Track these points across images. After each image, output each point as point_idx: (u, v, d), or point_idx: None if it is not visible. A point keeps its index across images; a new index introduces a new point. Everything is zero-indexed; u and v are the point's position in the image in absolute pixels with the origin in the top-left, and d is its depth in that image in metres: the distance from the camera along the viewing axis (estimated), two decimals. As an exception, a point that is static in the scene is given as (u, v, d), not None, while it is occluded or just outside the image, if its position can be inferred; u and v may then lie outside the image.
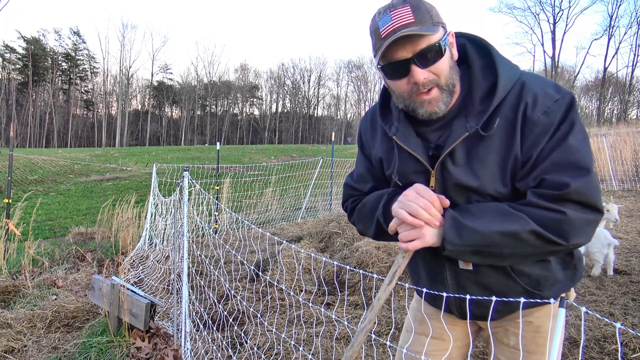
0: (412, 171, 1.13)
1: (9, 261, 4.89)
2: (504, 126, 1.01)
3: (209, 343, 2.89)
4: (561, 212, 0.94)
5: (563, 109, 0.98)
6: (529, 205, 0.98)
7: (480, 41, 1.10)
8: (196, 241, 5.60)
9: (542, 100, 0.99)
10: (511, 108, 1.01)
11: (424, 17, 0.98)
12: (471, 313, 1.15)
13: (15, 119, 46.47)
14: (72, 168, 18.29)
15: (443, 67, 1.01)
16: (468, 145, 1.04)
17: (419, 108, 1.05)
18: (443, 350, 1.28)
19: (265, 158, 23.23)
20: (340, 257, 4.88)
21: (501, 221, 0.98)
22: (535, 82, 1.02)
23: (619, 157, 10.77)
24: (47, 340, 3.06)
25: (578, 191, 0.94)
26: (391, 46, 0.99)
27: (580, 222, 0.95)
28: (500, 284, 1.13)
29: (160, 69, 67.60)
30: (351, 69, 68.60)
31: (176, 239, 3.16)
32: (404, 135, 1.11)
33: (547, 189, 0.96)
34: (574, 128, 0.97)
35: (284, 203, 8.57)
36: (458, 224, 1.00)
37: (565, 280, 1.15)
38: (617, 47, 41.48)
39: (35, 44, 53.43)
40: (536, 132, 0.98)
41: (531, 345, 1.17)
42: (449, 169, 1.06)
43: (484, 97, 1.03)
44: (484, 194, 1.05)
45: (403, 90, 1.05)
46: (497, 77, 1.02)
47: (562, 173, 0.95)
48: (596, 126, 26.84)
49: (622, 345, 2.67)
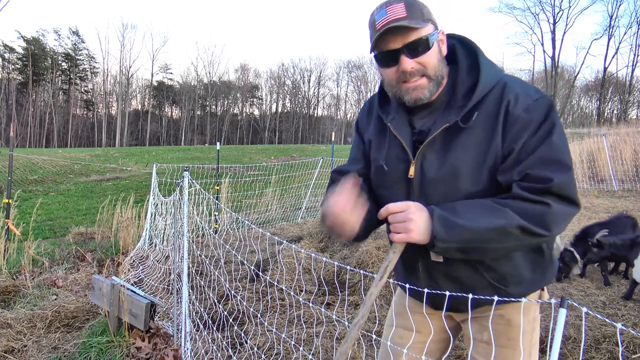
0: (397, 158, 1.21)
1: (9, 261, 4.88)
2: (484, 121, 1.09)
3: (209, 343, 2.89)
4: (546, 204, 1.01)
5: (543, 108, 1.06)
6: (514, 198, 1.04)
7: (469, 43, 1.20)
8: (196, 241, 5.59)
9: (523, 98, 1.07)
10: (493, 105, 1.09)
11: (416, 13, 1.08)
12: (442, 304, 1.20)
13: (15, 119, 46.44)
14: (72, 168, 18.28)
15: (430, 59, 1.10)
16: (448, 136, 1.12)
17: (405, 95, 1.14)
18: (421, 343, 1.33)
19: (265, 158, 23.23)
20: (340, 257, 4.88)
21: (487, 217, 1.03)
22: (517, 83, 1.11)
23: (619, 157, 10.77)
24: (47, 340, 3.06)
25: (560, 186, 1.01)
26: (384, 37, 1.09)
27: (561, 214, 1.03)
28: (468, 277, 1.18)
29: (160, 69, 67.64)
30: (351, 69, 68.57)
31: (176, 239, 3.16)
32: (397, 124, 1.20)
33: (532, 182, 1.03)
34: (556, 128, 1.05)
35: (284, 203, 8.56)
36: (447, 222, 1.04)
37: (532, 280, 1.20)
38: (617, 47, 41.49)
39: (35, 44, 53.38)
40: (517, 127, 1.06)
41: (503, 339, 1.21)
42: (428, 159, 1.14)
43: (465, 94, 1.12)
44: (460, 184, 1.11)
45: (392, 77, 1.14)
46: (479, 76, 1.11)
47: (546, 168, 1.03)
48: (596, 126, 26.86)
49: (622, 346, 2.67)
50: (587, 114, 53.18)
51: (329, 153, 19.28)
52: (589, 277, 4.21)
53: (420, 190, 1.16)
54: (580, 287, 3.97)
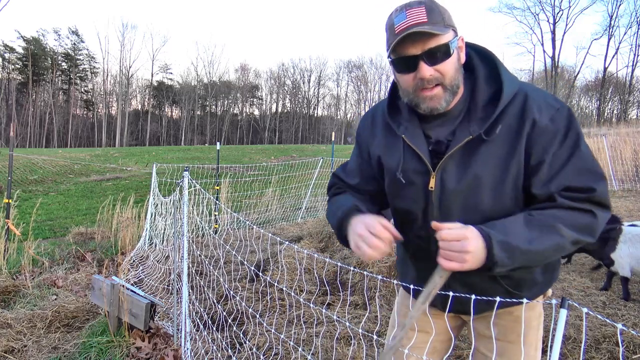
0: (413, 170, 1.16)
1: (9, 261, 4.88)
2: (507, 133, 1.06)
3: (209, 343, 2.89)
4: (592, 214, 1.03)
5: (565, 117, 1.06)
6: (558, 208, 1.04)
7: (486, 52, 1.17)
8: (196, 241, 5.59)
9: (546, 108, 1.06)
10: (516, 116, 1.06)
11: (437, 18, 1.04)
12: (453, 308, 1.21)
13: (15, 119, 46.43)
14: (72, 168, 18.28)
15: (449, 67, 1.06)
16: (470, 149, 1.09)
17: (422, 103, 1.10)
18: (426, 342, 1.33)
19: (265, 158, 23.22)
20: (341, 257, 4.88)
21: (544, 235, 1.02)
22: (537, 93, 1.09)
23: (619, 157, 10.77)
24: (47, 340, 3.06)
25: (601, 194, 1.03)
26: (403, 42, 1.04)
27: (603, 221, 1.05)
28: (483, 283, 1.18)
29: (160, 69, 67.61)
30: (351, 69, 68.57)
31: (176, 239, 3.16)
32: (411, 135, 1.16)
33: (575, 192, 1.03)
34: (581, 137, 1.06)
35: (284, 203, 8.56)
36: (508, 247, 1.00)
37: (543, 282, 1.22)
38: (617, 47, 41.52)
39: (35, 44, 53.38)
40: (545, 138, 1.05)
41: (512, 335, 1.23)
42: (448, 171, 1.11)
43: (486, 104, 1.09)
44: (481, 196, 1.09)
45: (409, 84, 1.10)
46: (501, 84, 1.08)
47: (585, 178, 1.04)
48: (596, 126, 26.83)
49: (622, 346, 2.67)
50: (587, 114, 53.08)
51: (329, 153, 19.29)
52: (589, 277, 4.21)
53: (440, 202, 1.14)
54: (580, 287, 3.97)
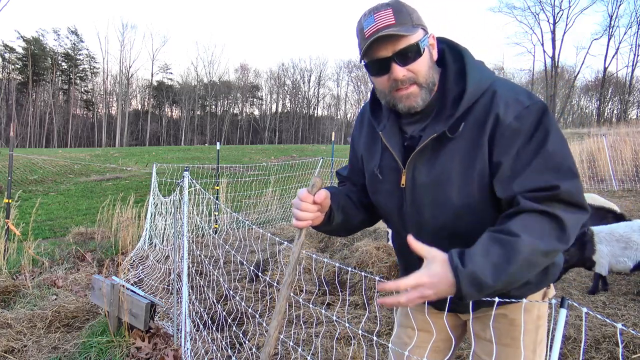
0: (389, 167, 1.21)
1: (9, 261, 4.88)
2: (471, 130, 1.07)
3: (209, 343, 2.89)
4: (555, 217, 0.96)
5: (534, 115, 1.02)
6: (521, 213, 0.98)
7: (457, 47, 1.16)
8: (196, 241, 5.59)
9: (513, 106, 1.04)
10: (481, 113, 1.06)
11: (405, 19, 1.06)
12: (448, 306, 1.20)
13: (15, 119, 46.41)
14: (72, 168, 18.28)
15: (421, 65, 1.08)
16: (437, 145, 1.11)
17: (399, 103, 1.12)
18: (428, 342, 1.34)
19: (265, 158, 23.22)
20: (340, 257, 4.88)
21: (511, 258, 0.94)
22: (507, 89, 1.07)
23: (619, 157, 10.77)
24: (47, 340, 3.06)
25: (567, 192, 0.97)
26: (373, 45, 1.07)
27: (573, 223, 0.98)
28: None
29: (160, 69, 67.50)
30: (351, 69, 68.40)
31: (176, 239, 3.16)
32: (388, 133, 1.19)
33: (537, 192, 0.98)
34: (550, 134, 1.01)
35: (284, 203, 8.56)
36: (476, 282, 0.94)
37: (534, 282, 1.20)
38: (617, 47, 41.44)
39: (35, 44, 53.35)
40: (507, 136, 1.02)
41: (506, 338, 1.21)
42: (418, 167, 1.14)
43: (453, 102, 1.09)
44: (449, 192, 1.10)
45: (384, 86, 1.12)
46: (465, 84, 1.08)
47: (548, 177, 0.98)
48: (596, 126, 26.84)
49: (622, 346, 2.67)
50: (587, 114, 53.15)
51: (329, 153, 19.26)
52: (589, 277, 4.20)
53: (411, 197, 1.16)
54: (580, 287, 3.97)
